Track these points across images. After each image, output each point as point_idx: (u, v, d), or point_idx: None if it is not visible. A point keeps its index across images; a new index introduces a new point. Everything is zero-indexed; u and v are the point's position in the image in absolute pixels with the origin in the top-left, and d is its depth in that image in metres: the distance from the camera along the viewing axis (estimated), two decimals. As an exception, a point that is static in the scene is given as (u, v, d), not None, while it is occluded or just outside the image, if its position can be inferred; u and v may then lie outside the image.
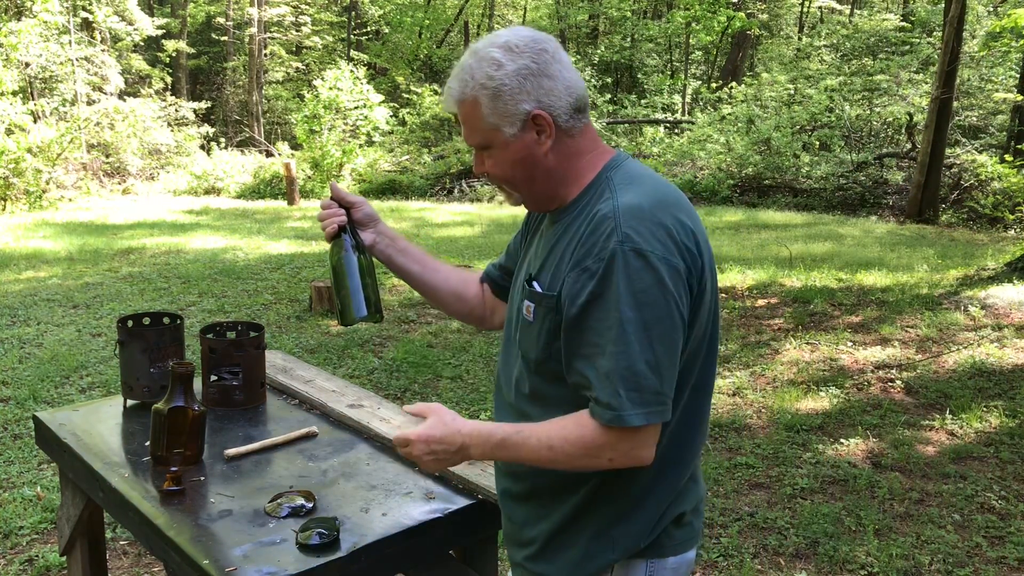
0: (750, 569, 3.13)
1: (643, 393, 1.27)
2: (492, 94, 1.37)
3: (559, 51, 1.40)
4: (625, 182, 1.38)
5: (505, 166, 1.42)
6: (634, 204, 1.31)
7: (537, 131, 1.39)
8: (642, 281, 1.26)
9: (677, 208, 1.35)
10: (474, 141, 1.43)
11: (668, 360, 1.29)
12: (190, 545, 1.59)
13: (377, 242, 1.71)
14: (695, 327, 1.35)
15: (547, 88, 1.37)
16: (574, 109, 1.40)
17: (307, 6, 26.79)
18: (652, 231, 1.28)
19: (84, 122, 17.10)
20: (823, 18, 27.16)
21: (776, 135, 16.50)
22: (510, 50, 1.37)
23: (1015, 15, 8.96)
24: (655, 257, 1.27)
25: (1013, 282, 7.05)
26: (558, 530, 1.44)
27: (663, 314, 1.27)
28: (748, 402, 4.87)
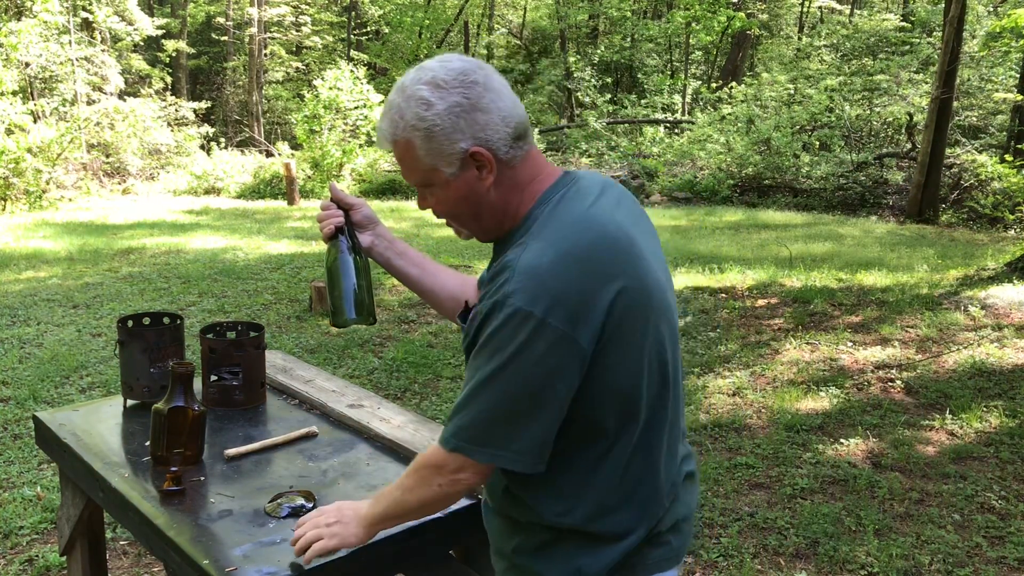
0: (750, 569, 3.13)
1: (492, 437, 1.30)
2: (425, 135, 1.32)
3: (491, 78, 1.35)
4: (544, 225, 1.33)
5: (448, 204, 1.40)
6: (533, 260, 1.26)
7: (477, 167, 1.34)
8: (513, 340, 1.24)
9: (587, 263, 1.27)
10: (413, 180, 1.40)
11: (526, 419, 1.28)
12: (190, 545, 1.59)
13: (375, 244, 1.70)
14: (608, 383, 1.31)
15: (482, 123, 1.32)
16: (513, 139, 1.35)
17: (307, 6, 26.80)
18: (541, 291, 1.24)
19: (84, 122, 17.10)
20: (823, 18, 27.16)
21: (776, 135, 16.50)
22: (438, 87, 1.32)
23: (1015, 15, 8.96)
24: (534, 319, 1.23)
25: (1013, 282, 7.05)
26: (523, 551, 1.44)
27: (527, 375, 1.26)
28: (748, 402, 4.87)
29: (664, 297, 1.38)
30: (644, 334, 1.33)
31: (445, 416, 4.61)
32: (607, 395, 1.32)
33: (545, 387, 1.27)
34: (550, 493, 1.38)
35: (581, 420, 1.33)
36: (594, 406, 1.32)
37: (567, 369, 1.27)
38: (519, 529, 1.44)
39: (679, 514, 1.47)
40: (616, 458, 1.36)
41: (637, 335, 1.32)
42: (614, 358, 1.30)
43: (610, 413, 1.33)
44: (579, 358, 1.27)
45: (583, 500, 1.37)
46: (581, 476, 1.36)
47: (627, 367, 1.32)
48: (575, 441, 1.35)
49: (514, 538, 1.45)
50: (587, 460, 1.36)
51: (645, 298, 1.33)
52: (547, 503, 1.38)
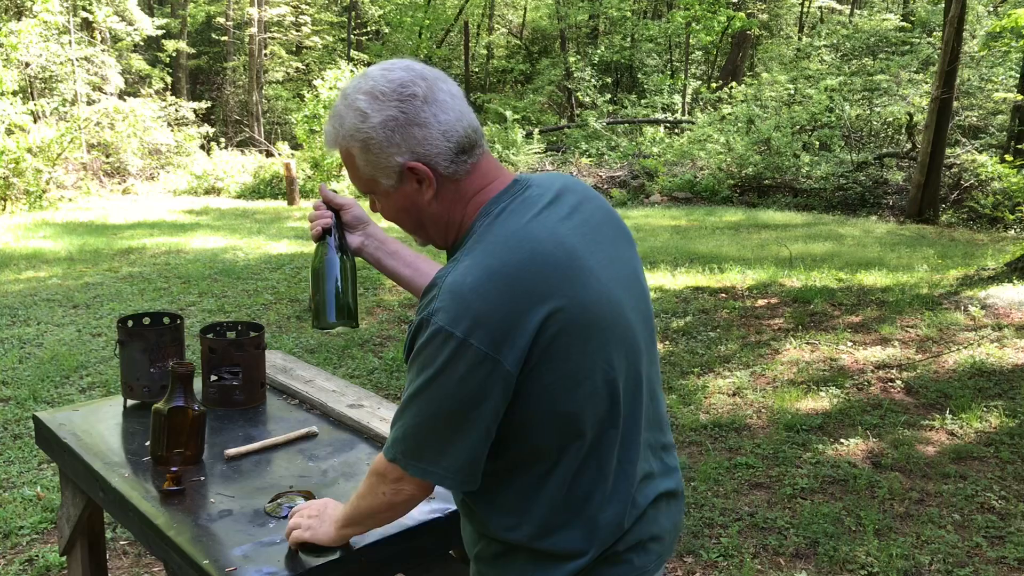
0: (750, 569, 3.13)
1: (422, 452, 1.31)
2: (362, 147, 1.31)
3: (435, 90, 1.30)
4: (478, 241, 1.30)
5: (391, 213, 1.39)
6: (458, 279, 1.24)
7: (417, 180, 1.32)
8: (436, 358, 1.24)
9: (513, 283, 1.24)
10: (358, 187, 1.40)
11: (451, 437, 1.28)
12: (190, 545, 1.59)
13: (365, 244, 1.69)
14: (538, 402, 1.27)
15: (419, 137, 1.29)
16: (456, 153, 1.31)
17: (307, 6, 26.80)
18: (463, 311, 1.22)
19: (84, 122, 17.10)
20: (823, 18, 27.16)
21: (776, 135, 16.50)
22: (375, 99, 1.29)
23: (1015, 15, 8.96)
24: (455, 339, 1.21)
25: (1013, 282, 7.05)
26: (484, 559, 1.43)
27: (446, 394, 1.25)
28: (748, 402, 4.87)
29: (617, 313, 1.33)
30: (583, 354, 1.28)
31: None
32: (543, 416, 1.29)
33: (468, 408, 1.25)
34: (497, 509, 1.36)
35: (518, 440, 1.30)
36: (530, 427, 1.29)
37: (490, 391, 1.24)
38: (480, 537, 1.43)
39: (646, 533, 1.41)
40: (560, 477, 1.32)
41: (575, 356, 1.27)
42: (548, 379, 1.26)
43: (548, 433, 1.30)
44: (503, 380, 1.24)
45: (528, 517, 1.34)
46: (525, 494, 1.34)
47: (564, 388, 1.28)
48: (515, 460, 1.33)
49: (477, 544, 1.44)
50: (530, 478, 1.33)
51: (586, 318, 1.28)
52: (495, 518, 1.37)
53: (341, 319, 1.57)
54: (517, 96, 26.45)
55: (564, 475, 1.33)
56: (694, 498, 3.70)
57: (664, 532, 1.46)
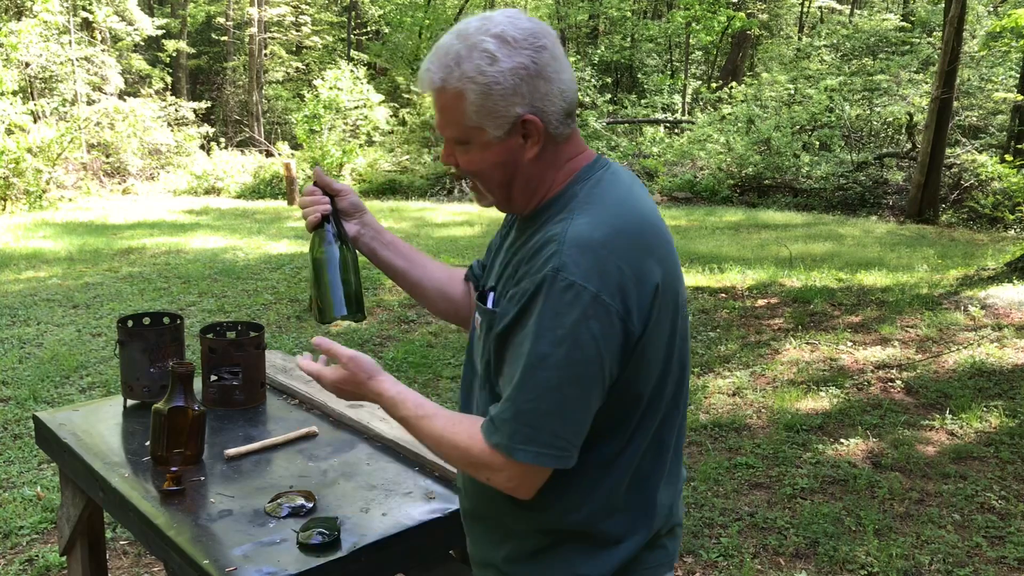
0: (750, 569, 3.13)
1: (538, 432, 1.20)
2: (482, 91, 1.22)
3: (557, 47, 1.26)
4: (588, 201, 1.27)
5: (482, 166, 1.30)
6: (584, 233, 1.20)
7: (524, 135, 1.27)
8: (567, 316, 1.16)
9: (635, 241, 1.23)
10: (449, 134, 1.30)
11: (576, 404, 1.20)
12: (190, 545, 1.59)
13: (361, 234, 1.58)
14: (642, 369, 1.25)
15: (543, 91, 1.24)
16: (565, 114, 1.28)
17: (307, 6, 26.80)
18: (594, 265, 1.17)
19: (84, 122, 17.10)
20: (823, 18, 27.16)
21: (776, 135, 16.50)
22: (506, 43, 1.22)
23: (1015, 15, 8.96)
24: (588, 294, 1.16)
25: (1013, 282, 7.05)
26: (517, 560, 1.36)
27: (581, 356, 1.17)
28: (748, 402, 4.87)
29: (684, 291, 1.35)
30: (674, 328, 1.28)
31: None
32: (640, 384, 1.26)
33: (596, 372, 1.19)
34: (560, 490, 1.29)
35: (607, 410, 1.25)
36: (624, 396, 1.26)
37: (614, 352, 1.19)
38: (510, 535, 1.36)
39: (676, 519, 1.43)
40: (630, 455, 1.30)
41: (668, 326, 1.27)
42: (652, 347, 1.24)
43: (636, 406, 1.27)
44: (627, 341, 1.20)
45: (593, 497, 1.30)
46: (594, 472, 1.29)
47: (658, 359, 1.27)
48: (596, 433, 1.26)
49: (504, 546, 1.37)
50: (603, 455, 1.28)
51: (675, 292, 1.29)
52: (555, 501, 1.30)
53: (350, 312, 1.47)
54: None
55: (634, 453, 1.30)
56: (694, 498, 3.70)
57: (682, 517, 1.48)
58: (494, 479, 1.26)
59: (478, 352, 1.38)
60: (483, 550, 1.42)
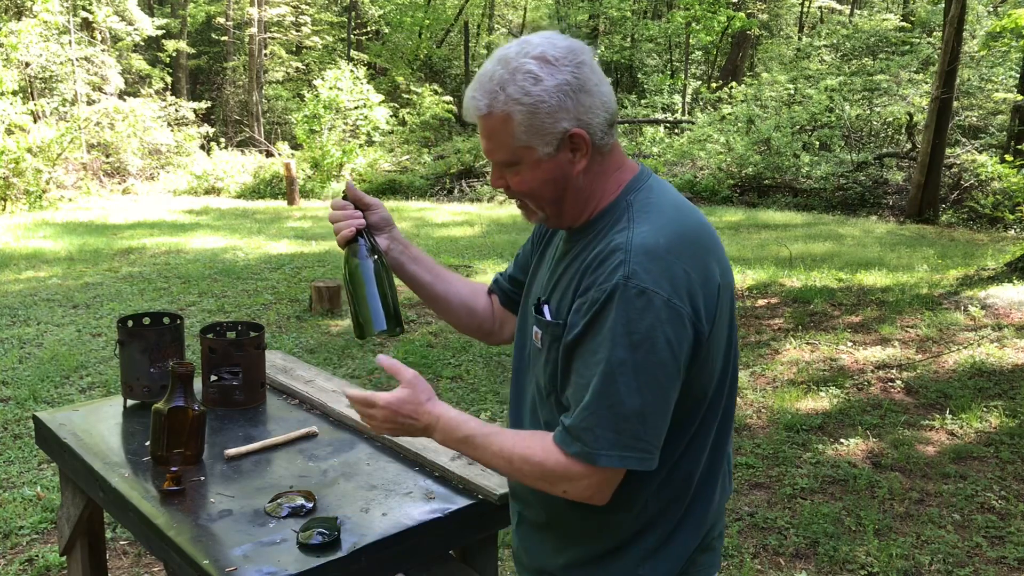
0: (750, 569, 3.13)
1: (620, 436, 1.22)
2: (529, 111, 1.26)
3: (594, 61, 1.31)
4: (645, 210, 1.30)
5: (534, 184, 1.33)
6: (649, 240, 1.24)
7: (572, 149, 1.30)
8: (641, 322, 1.20)
9: (696, 245, 1.28)
10: (499, 157, 1.33)
11: (656, 407, 1.22)
12: (190, 545, 1.59)
13: (391, 248, 1.60)
14: (707, 368, 1.29)
15: (587, 105, 1.27)
16: (608, 124, 1.31)
17: (307, 6, 26.79)
18: (662, 271, 1.21)
19: (84, 122, 17.10)
20: (823, 18, 27.16)
21: (776, 135, 16.50)
22: (548, 63, 1.26)
23: (1015, 15, 8.96)
24: (659, 299, 1.20)
25: (1013, 282, 7.05)
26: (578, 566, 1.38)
27: (657, 360, 1.20)
28: (748, 402, 4.87)
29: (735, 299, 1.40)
30: (732, 327, 1.34)
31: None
32: (704, 384, 1.30)
33: (674, 374, 1.22)
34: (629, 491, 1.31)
35: (679, 409, 1.28)
36: (693, 395, 1.29)
37: (686, 354, 1.23)
38: (575, 542, 1.38)
39: (723, 520, 1.47)
40: (694, 454, 1.33)
41: (727, 326, 1.32)
42: (715, 347, 1.29)
43: (701, 403, 1.31)
44: (697, 343, 1.24)
45: (657, 498, 1.33)
46: (662, 472, 1.31)
47: (719, 358, 1.31)
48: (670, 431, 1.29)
49: (565, 553, 1.39)
50: (670, 455, 1.30)
51: (731, 293, 1.34)
52: (624, 504, 1.32)
53: (389, 326, 1.45)
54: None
55: (697, 453, 1.33)
56: (694, 498, 3.70)
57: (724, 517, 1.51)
58: (572, 490, 1.27)
59: (539, 366, 1.39)
60: (541, 558, 1.43)
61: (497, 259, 8.64)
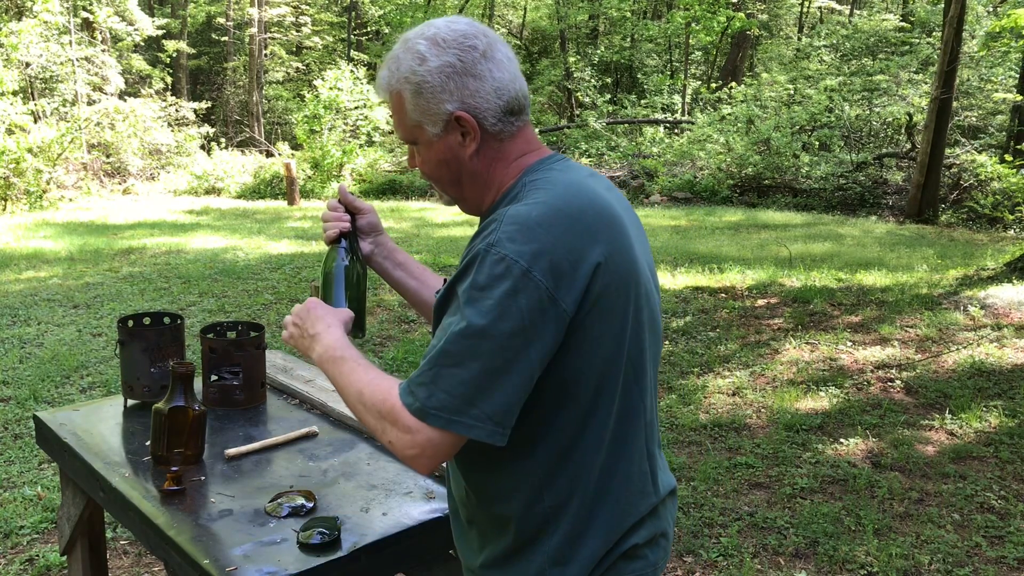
0: (750, 569, 3.13)
1: (454, 399, 1.19)
2: (414, 90, 1.31)
3: (495, 48, 1.31)
4: (535, 188, 1.29)
5: (431, 165, 1.37)
6: (522, 212, 1.22)
7: (461, 132, 1.32)
8: (495, 288, 1.17)
9: (576, 224, 1.23)
10: (400, 135, 1.38)
11: (497, 376, 1.18)
12: (190, 545, 1.59)
13: (375, 253, 1.66)
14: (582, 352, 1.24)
15: (472, 88, 1.29)
16: (504, 112, 1.32)
17: (307, 6, 26.81)
18: (527, 241, 1.19)
19: (84, 122, 17.10)
20: (823, 18, 27.17)
21: (776, 135, 16.50)
22: (436, 44, 1.30)
23: (1015, 15, 8.96)
24: (518, 268, 1.17)
25: (1013, 282, 7.06)
26: (490, 564, 1.37)
27: (507, 329, 1.17)
28: (748, 402, 4.87)
29: (648, 284, 1.34)
30: (626, 314, 1.28)
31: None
32: (580, 376, 1.25)
33: (520, 347, 1.18)
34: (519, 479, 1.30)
35: (554, 397, 1.25)
36: (568, 382, 1.25)
37: (544, 331, 1.19)
38: (487, 540, 1.38)
39: (659, 528, 1.40)
40: (588, 447, 1.28)
41: (619, 312, 1.26)
42: (596, 331, 1.24)
43: (586, 391, 1.26)
44: (558, 322, 1.20)
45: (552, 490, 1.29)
46: (553, 462, 1.28)
47: (607, 343, 1.26)
48: (547, 420, 1.26)
49: (483, 551, 1.38)
50: (559, 444, 1.28)
51: (629, 274, 1.28)
52: (517, 492, 1.30)
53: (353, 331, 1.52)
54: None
55: (592, 445, 1.29)
56: (694, 498, 3.70)
57: (670, 528, 1.45)
58: (397, 442, 1.24)
59: None
60: (468, 556, 1.44)
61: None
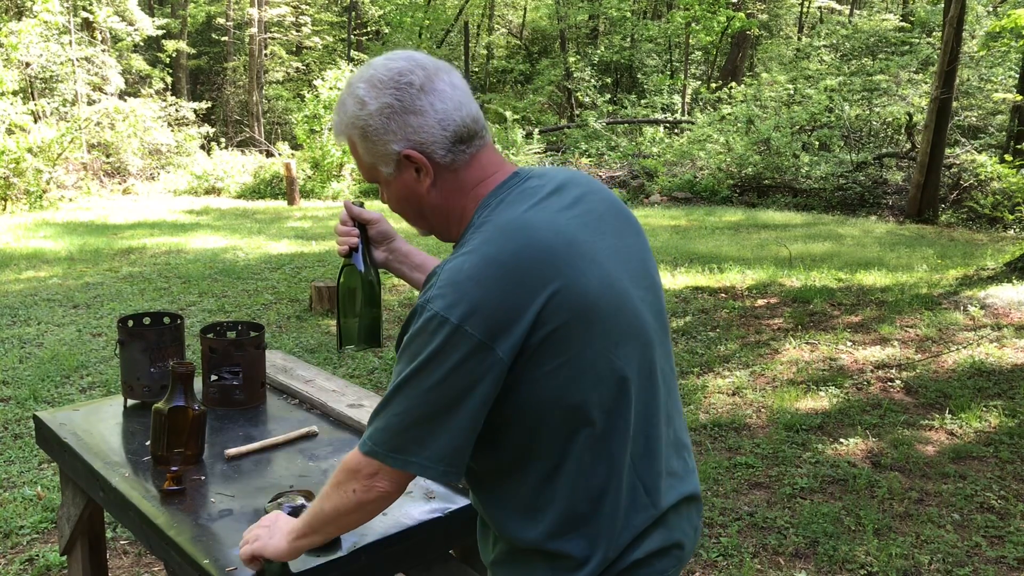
0: (750, 569, 3.13)
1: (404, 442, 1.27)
2: (360, 134, 1.34)
3: (434, 79, 1.31)
4: (477, 232, 1.29)
5: (394, 202, 1.40)
6: (457, 265, 1.25)
7: (415, 169, 1.34)
8: (429, 344, 1.22)
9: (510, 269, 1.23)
10: (363, 175, 1.41)
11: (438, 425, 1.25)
12: (190, 545, 1.59)
13: (389, 260, 1.69)
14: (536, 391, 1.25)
15: (415, 125, 1.31)
16: (452, 142, 1.32)
17: (307, 6, 26.81)
18: (460, 297, 1.21)
19: (84, 122, 17.10)
20: (823, 18, 27.16)
21: (776, 135, 16.49)
22: (374, 86, 1.31)
23: (1015, 15, 8.96)
24: (449, 326, 1.21)
25: (1012, 282, 7.06)
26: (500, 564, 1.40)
27: (435, 381, 1.23)
28: (748, 402, 4.87)
29: (622, 301, 1.31)
30: (585, 343, 1.26)
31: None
32: (544, 406, 1.26)
33: (457, 396, 1.23)
34: (510, 507, 1.34)
35: (521, 432, 1.28)
36: (531, 418, 1.27)
37: (482, 379, 1.23)
38: (496, 541, 1.41)
39: (669, 539, 1.39)
40: (569, 472, 1.30)
41: (575, 344, 1.25)
42: (548, 367, 1.25)
43: (552, 425, 1.27)
44: (495, 369, 1.22)
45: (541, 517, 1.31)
46: (536, 491, 1.31)
47: (566, 378, 1.26)
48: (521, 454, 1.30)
49: (494, 550, 1.41)
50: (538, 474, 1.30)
51: (586, 304, 1.26)
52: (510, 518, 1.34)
53: (359, 342, 1.57)
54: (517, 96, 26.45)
55: (574, 470, 1.30)
56: (694, 498, 3.70)
57: (686, 538, 1.43)
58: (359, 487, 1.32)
59: None
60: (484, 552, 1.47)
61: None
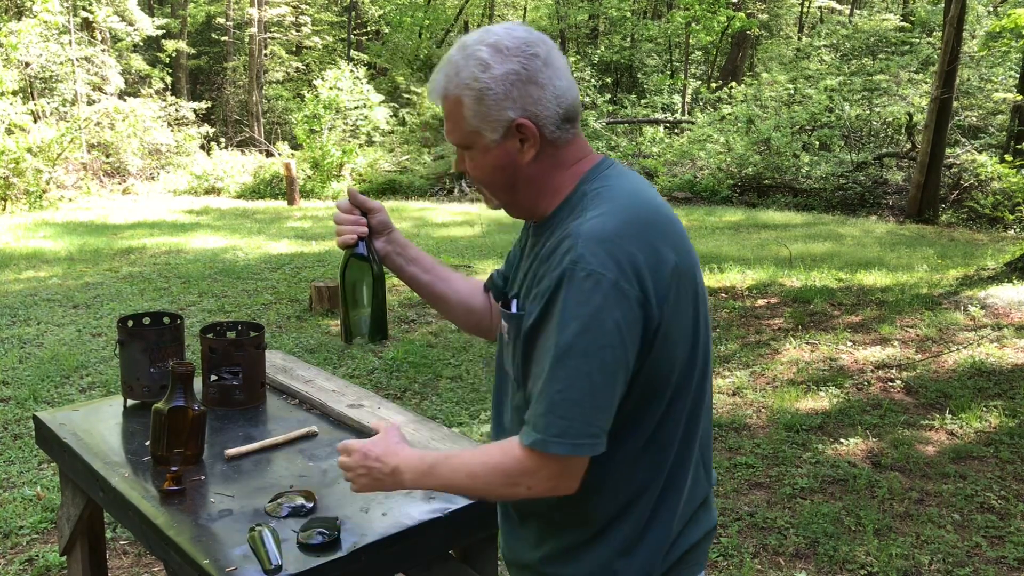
0: (750, 569, 3.13)
1: (572, 423, 1.22)
2: (476, 96, 1.31)
3: (553, 55, 1.33)
4: (600, 198, 1.32)
5: (485, 170, 1.38)
6: (597, 225, 1.26)
7: (520, 140, 1.33)
8: (588, 304, 1.21)
9: (648, 228, 1.28)
10: (454, 139, 1.39)
11: (604, 390, 1.23)
12: (190, 545, 1.59)
13: (389, 251, 1.63)
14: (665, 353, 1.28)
15: (535, 96, 1.31)
16: (562, 119, 1.34)
17: (307, 6, 26.81)
18: (609, 254, 1.22)
19: (84, 122, 17.10)
20: (823, 18, 27.16)
21: (776, 135, 16.49)
22: (499, 51, 1.30)
23: (1015, 15, 8.96)
24: (607, 281, 1.21)
25: (1013, 282, 7.05)
26: (554, 557, 1.39)
27: (605, 342, 1.21)
28: (748, 402, 4.87)
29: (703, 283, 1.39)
30: (696, 312, 1.33)
31: (445, 416, 4.61)
32: (666, 368, 1.29)
33: (622, 356, 1.23)
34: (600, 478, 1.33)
35: (643, 392, 1.29)
36: (655, 378, 1.29)
37: (636, 337, 1.24)
38: (551, 533, 1.39)
39: (710, 522, 1.45)
40: (663, 443, 1.33)
41: (691, 312, 1.31)
42: (674, 331, 1.28)
43: (664, 390, 1.31)
44: (648, 325, 1.24)
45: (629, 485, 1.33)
46: (632, 458, 1.33)
47: (684, 344, 1.31)
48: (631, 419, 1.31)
49: (543, 545, 1.40)
50: (638, 441, 1.32)
51: (694, 274, 1.33)
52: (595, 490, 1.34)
53: (370, 334, 1.51)
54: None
55: (667, 440, 1.33)
56: (694, 498, 3.70)
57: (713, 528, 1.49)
58: (536, 486, 1.28)
59: (508, 358, 1.42)
60: (520, 551, 1.45)
61: (497, 259, 8.63)
